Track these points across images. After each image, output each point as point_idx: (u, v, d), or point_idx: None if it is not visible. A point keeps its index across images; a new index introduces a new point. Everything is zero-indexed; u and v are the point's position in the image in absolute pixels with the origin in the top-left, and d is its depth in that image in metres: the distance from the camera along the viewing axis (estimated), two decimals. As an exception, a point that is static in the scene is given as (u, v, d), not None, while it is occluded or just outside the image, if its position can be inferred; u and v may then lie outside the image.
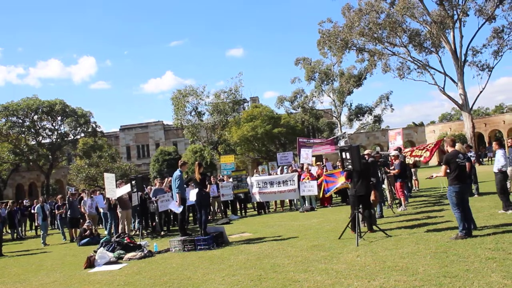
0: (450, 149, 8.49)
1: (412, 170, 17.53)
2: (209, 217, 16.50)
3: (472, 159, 14.55)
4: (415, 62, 42.37)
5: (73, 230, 16.83)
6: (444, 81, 41.43)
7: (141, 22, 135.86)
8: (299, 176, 17.32)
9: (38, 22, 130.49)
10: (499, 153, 10.62)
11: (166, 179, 17.68)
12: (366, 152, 12.42)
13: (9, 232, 20.98)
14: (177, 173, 11.62)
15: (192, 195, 11.18)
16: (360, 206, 9.63)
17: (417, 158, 15.49)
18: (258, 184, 17.90)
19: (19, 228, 21.61)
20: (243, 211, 18.71)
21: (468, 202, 8.41)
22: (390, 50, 42.91)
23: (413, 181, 18.25)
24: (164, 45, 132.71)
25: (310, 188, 16.76)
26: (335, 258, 7.58)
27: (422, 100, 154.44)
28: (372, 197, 9.82)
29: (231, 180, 18.73)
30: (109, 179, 15.03)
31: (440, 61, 41.35)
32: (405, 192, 13.96)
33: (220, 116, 45.02)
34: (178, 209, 11.57)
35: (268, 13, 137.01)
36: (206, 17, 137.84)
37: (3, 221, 19.71)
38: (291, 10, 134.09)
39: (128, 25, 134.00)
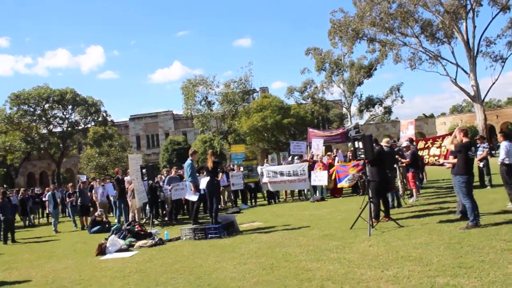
0: (464, 139, 8.39)
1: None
2: (220, 206, 16.52)
3: (485, 150, 14.37)
4: (427, 53, 41.93)
5: (84, 217, 16.93)
6: (456, 72, 40.98)
7: (147, 12, 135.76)
8: (309, 167, 17.25)
9: (45, 11, 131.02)
10: (502, 145, 10.50)
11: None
12: (384, 140, 12.31)
13: (21, 219, 21.16)
14: (188, 161, 11.60)
15: (203, 183, 11.18)
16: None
17: (437, 159, 15.13)
18: (268, 174, 17.85)
19: (31, 216, 21.83)
20: (253, 201, 18.72)
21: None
22: (401, 41, 42.46)
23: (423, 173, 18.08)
24: (171, 35, 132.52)
25: (321, 178, 16.69)
26: (347, 248, 7.54)
27: (433, 92, 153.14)
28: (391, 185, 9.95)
29: (241, 169, 18.72)
30: (134, 159, 14.98)
31: (452, 52, 40.88)
32: (417, 182, 13.86)
33: (230, 106, 44.85)
34: (194, 197, 11.57)
35: (276, 2, 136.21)
36: (212, 6, 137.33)
37: (16, 209, 19.90)
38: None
39: (135, 14, 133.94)
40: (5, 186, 42.36)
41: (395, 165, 13.49)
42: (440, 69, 42.24)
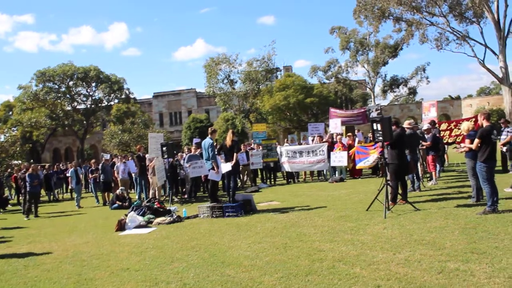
0: (485, 123, 8.24)
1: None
2: (238, 185, 16.65)
3: (510, 134, 14.07)
4: (454, 33, 40.82)
5: (106, 194, 17.28)
6: (484, 53, 39.88)
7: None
8: (329, 147, 17.20)
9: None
10: None
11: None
12: (406, 122, 12.15)
13: (46, 194, 21.70)
14: (208, 141, 11.46)
15: (225, 168, 11.21)
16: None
17: (456, 139, 15.00)
18: (288, 154, 17.87)
19: (55, 191, 22.37)
20: (272, 180, 18.81)
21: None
22: (428, 20, 41.40)
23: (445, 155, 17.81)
24: (194, 12, 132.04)
25: (340, 159, 16.65)
26: (362, 230, 7.56)
27: (459, 73, 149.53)
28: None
29: (261, 148, 18.77)
30: (155, 138, 15.36)
31: (481, 32, 39.61)
32: (437, 166, 13.70)
33: (252, 85, 44.74)
34: (218, 178, 11.60)
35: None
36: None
37: (41, 184, 20.40)
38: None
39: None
40: (31, 161, 43.31)
41: (418, 148, 13.33)
42: (467, 50, 41.34)
